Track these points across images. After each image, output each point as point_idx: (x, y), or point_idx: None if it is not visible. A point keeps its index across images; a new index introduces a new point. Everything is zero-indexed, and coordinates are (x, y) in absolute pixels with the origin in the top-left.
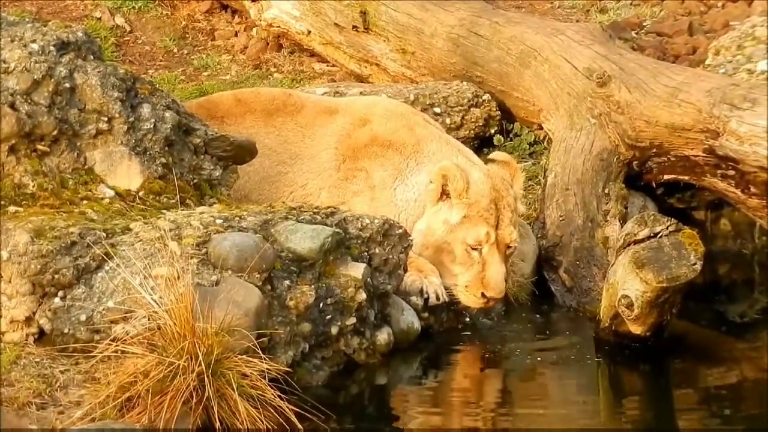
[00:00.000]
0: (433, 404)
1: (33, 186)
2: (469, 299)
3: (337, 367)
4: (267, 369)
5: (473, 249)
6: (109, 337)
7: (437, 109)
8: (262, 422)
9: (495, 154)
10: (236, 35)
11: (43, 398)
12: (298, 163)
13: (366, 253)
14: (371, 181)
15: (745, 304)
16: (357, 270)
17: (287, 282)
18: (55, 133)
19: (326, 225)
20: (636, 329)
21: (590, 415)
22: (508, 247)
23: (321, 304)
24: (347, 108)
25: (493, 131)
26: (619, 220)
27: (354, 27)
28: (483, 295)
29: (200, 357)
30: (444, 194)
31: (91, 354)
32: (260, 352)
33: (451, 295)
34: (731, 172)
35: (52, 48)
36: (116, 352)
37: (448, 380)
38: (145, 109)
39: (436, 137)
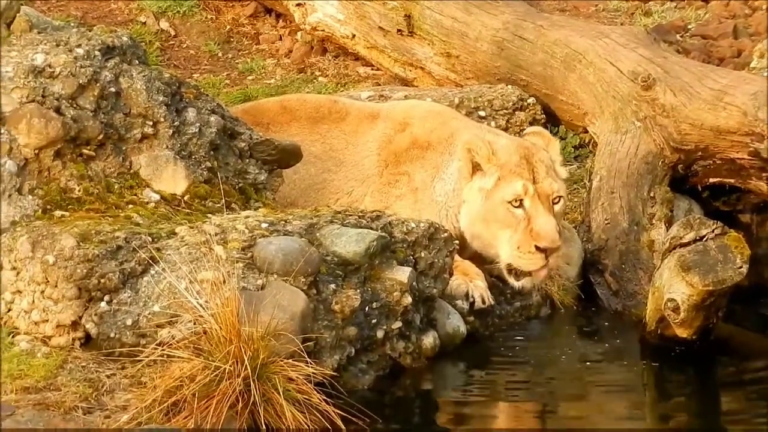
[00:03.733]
0: (479, 409)
1: (79, 190)
2: (525, 259)
3: (383, 371)
4: (313, 373)
5: (515, 207)
6: (155, 341)
7: (482, 113)
8: (308, 426)
9: (528, 129)
10: (281, 39)
11: (90, 402)
12: (343, 170)
13: (411, 257)
14: (413, 184)
15: None
16: (402, 274)
17: (333, 286)
18: (100, 137)
19: (371, 229)
20: (682, 333)
21: (638, 419)
22: (554, 202)
23: (366, 308)
24: (388, 113)
25: None
26: (665, 224)
27: (398, 31)
28: (537, 249)
29: (246, 361)
30: (475, 168)
31: (137, 358)
32: (306, 356)
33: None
34: None
35: (97, 53)
36: (162, 356)
37: (494, 384)
38: (190, 113)
39: (469, 126)
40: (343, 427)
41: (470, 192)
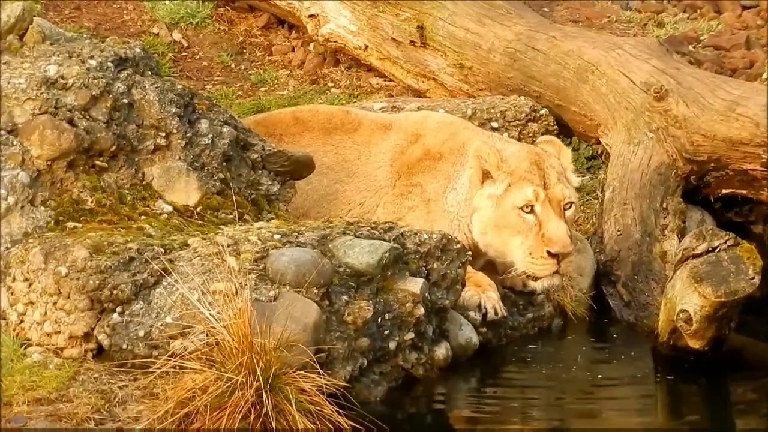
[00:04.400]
0: (491, 420)
1: (91, 202)
2: (538, 265)
3: (395, 382)
4: (325, 384)
5: (526, 213)
6: (167, 352)
7: (495, 124)
8: None
9: (540, 138)
10: (293, 50)
11: (102, 414)
12: (355, 180)
13: (424, 268)
14: (426, 195)
15: None
16: (415, 285)
17: (345, 297)
18: (113, 148)
19: (384, 240)
20: (694, 344)
21: (650, 430)
22: (565, 207)
23: (379, 319)
24: (400, 124)
25: None
26: (677, 235)
27: (411, 42)
28: (549, 254)
29: (258, 372)
30: (485, 176)
31: (150, 369)
32: (318, 368)
33: (528, 276)
34: None
35: (110, 64)
36: (174, 367)
37: (506, 395)
38: (203, 125)
39: (479, 135)
40: None
41: (480, 199)
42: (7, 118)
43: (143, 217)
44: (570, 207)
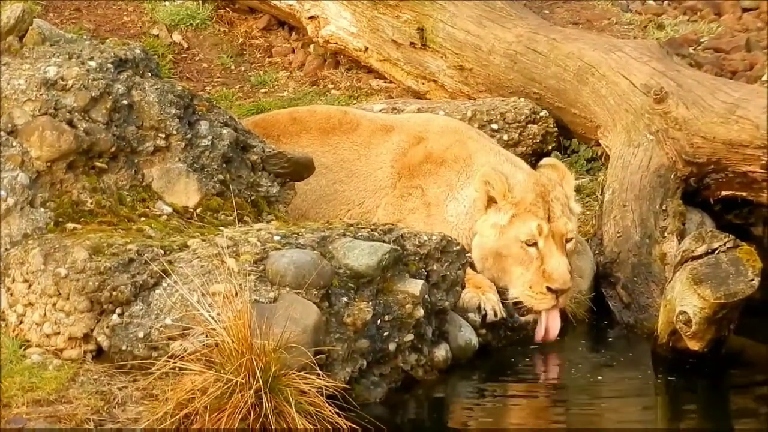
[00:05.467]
0: (491, 421)
1: (91, 203)
2: (536, 299)
3: (395, 384)
4: (325, 386)
5: (529, 246)
6: (166, 354)
7: (495, 126)
8: None
9: (543, 161)
10: (293, 52)
11: (101, 415)
12: (355, 181)
13: (424, 270)
14: (426, 199)
15: None
16: (415, 286)
17: (345, 299)
18: (113, 150)
19: (384, 242)
20: (694, 345)
21: (649, 431)
22: (567, 241)
23: (379, 321)
24: (402, 126)
25: (550, 148)
26: (677, 237)
27: (411, 43)
28: (549, 289)
29: (258, 374)
30: (490, 201)
31: (149, 371)
32: (318, 369)
33: (521, 306)
34: None
35: (109, 65)
36: (174, 369)
37: (506, 397)
38: (203, 126)
39: (487, 149)
40: None
41: (484, 226)
42: (6, 120)
43: (143, 219)
44: (571, 240)
